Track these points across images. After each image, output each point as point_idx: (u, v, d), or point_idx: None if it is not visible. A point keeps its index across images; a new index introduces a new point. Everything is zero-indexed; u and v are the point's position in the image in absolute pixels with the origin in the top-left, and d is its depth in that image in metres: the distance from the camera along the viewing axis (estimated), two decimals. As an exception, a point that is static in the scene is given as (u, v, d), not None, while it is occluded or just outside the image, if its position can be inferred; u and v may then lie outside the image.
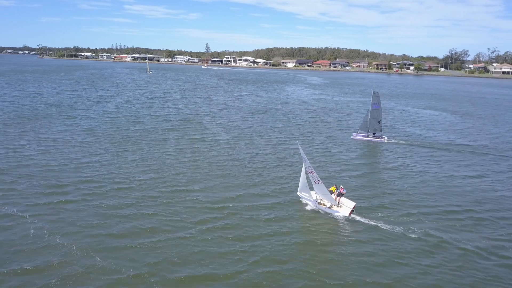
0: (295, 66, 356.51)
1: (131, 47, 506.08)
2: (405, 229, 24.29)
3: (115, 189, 29.46)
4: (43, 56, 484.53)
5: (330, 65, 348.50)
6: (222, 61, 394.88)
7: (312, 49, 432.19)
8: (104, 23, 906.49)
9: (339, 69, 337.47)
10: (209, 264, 19.89)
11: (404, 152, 45.20)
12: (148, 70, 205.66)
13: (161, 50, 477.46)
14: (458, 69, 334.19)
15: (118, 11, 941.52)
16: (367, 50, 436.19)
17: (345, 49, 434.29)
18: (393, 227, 24.47)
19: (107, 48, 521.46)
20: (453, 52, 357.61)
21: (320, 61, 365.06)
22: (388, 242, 22.74)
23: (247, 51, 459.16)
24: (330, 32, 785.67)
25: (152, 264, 19.62)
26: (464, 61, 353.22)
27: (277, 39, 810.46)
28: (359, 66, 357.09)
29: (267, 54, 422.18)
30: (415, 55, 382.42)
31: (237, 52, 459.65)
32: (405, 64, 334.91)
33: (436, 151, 46.14)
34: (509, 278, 19.85)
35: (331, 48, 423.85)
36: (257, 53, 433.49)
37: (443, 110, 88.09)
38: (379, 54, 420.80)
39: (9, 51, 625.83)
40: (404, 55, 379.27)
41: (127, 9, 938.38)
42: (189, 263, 19.86)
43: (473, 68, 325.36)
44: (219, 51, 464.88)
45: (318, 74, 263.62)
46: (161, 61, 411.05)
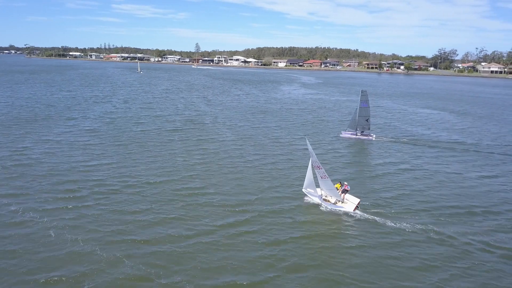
0: (286, 65, 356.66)
1: (120, 46, 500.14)
2: (424, 227, 24.21)
3: (129, 193, 28.74)
4: (30, 55, 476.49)
5: (321, 65, 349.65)
6: (213, 61, 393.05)
7: (302, 48, 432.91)
8: (92, 22, 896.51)
9: (330, 69, 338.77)
10: (242, 270, 19.35)
11: (395, 149, 45.39)
12: (139, 70, 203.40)
13: (150, 49, 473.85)
14: (447, 69, 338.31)
15: (106, 10, 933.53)
16: (357, 49, 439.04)
17: (336, 48, 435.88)
18: (425, 226, 24.35)
19: (95, 47, 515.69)
20: (442, 51, 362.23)
21: (311, 61, 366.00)
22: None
23: (237, 51, 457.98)
24: (319, 31, 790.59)
25: (183, 271, 19.02)
26: (453, 61, 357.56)
27: (267, 39, 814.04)
28: (350, 65, 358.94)
29: (258, 53, 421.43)
30: (404, 54, 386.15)
31: (228, 51, 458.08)
32: (395, 63, 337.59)
33: (442, 151, 46.35)
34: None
35: (321, 47, 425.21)
36: (248, 53, 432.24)
37: (442, 109, 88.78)
38: (369, 53, 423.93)
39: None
40: (393, 54, 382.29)
41: (115, 8, 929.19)
42: (222, 270, 19.30)
43: (462, 67, 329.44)
44: (209, 51, 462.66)
45: (310, 73, 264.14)
46: (152, 61, 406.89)
